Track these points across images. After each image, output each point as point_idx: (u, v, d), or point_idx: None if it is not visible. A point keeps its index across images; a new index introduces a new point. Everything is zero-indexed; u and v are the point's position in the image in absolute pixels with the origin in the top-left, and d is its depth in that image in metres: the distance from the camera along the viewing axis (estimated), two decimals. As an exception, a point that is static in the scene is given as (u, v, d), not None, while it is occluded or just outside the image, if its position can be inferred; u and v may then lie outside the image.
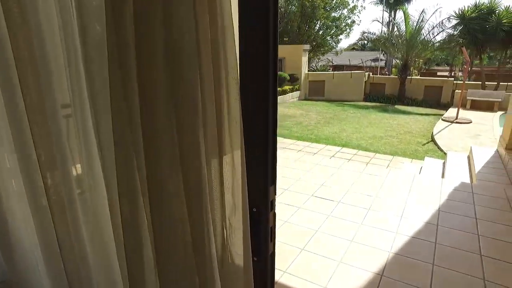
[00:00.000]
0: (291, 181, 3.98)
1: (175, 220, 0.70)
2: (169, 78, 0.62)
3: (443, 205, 3.33)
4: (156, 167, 0.67)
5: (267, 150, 0.77)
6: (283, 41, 24.63)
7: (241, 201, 0.75)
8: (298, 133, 9.83)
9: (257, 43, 0.71)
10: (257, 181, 0.80)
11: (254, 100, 0.74)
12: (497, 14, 16.72)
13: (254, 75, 0.73)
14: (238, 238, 0.80)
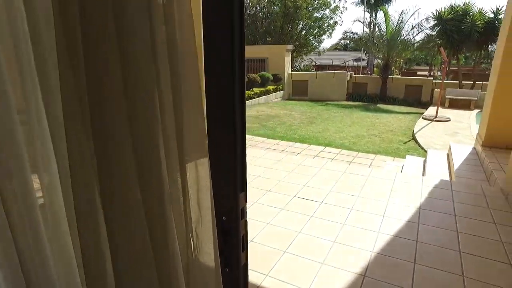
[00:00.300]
0: (274, 182, 3.95)
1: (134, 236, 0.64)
2: (122, 81, 0.57)
3: (424, 203, 3.36)
4: (112, 178, 0.61)
5: (235, 156, 0.72)
6: (266, 41, 24.66)
7: (209, 210, 0.70)
8: (281, 133, 9.82)
9: (221, 43, 0.66)
10: (226, 188, 0.75)
11: (220, 103, 0.69)
12: (471, 16, 17.20)
13: (218, 77, 0.68)
14: (207, 250, 0.75)
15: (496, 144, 5.05)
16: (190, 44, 0.60)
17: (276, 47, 20.14)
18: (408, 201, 3.39)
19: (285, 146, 8.07)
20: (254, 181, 3.98)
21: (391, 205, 3.31)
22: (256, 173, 4.24)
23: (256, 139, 8.87)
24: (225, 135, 0.71)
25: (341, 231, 2.87)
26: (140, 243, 0.64)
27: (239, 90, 0.69)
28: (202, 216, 0.71)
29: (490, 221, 3.03)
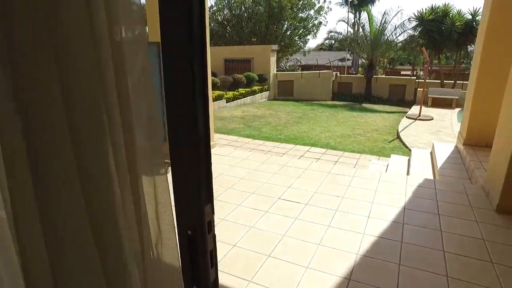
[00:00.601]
0: (258, 184, 3.88)
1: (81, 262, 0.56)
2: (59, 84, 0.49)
3: (408, 202, 3.36)
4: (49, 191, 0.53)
5: (199, 164, 0.65)
6: (251, 42, 24.61)
7: (169, 225, 0.63)
8: (267, 134, 9.78)
9: (179, 37, 0.59)
10: (189, 201, 0.69)
11: (180, 105, 0.62)
12: (450, 17, 17.56)
13: (177, 74, 0.61)
14: (169, 266, 0.68)
15: (476, 142, 5.11)
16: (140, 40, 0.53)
17: (261, 47, 20.12)
18: (393, 201, 3.38)
19: (270, 147, 8.02)
20: (238, 184, 3.91)
21: (376, 206, 3.29)
22: (241, 175, 4.17)
23: (242, 140, 8.80)
24: (187, 145, 0.64)
25: (326, 233, 2.83)
26: (86, 259, 0.56)
27: (200, 89, 0.62)
28: (162, 231, 0.64)
29: (473, 219, 3.04)
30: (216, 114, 13.35)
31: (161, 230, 0.64)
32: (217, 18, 28.34)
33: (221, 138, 9.10)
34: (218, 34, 28.19)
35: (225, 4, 27.52)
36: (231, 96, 15.96)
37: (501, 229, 2.89)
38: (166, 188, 0.60)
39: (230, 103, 15.86)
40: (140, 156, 0.60)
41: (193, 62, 0.59)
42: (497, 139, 3.47)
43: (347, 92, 20.22)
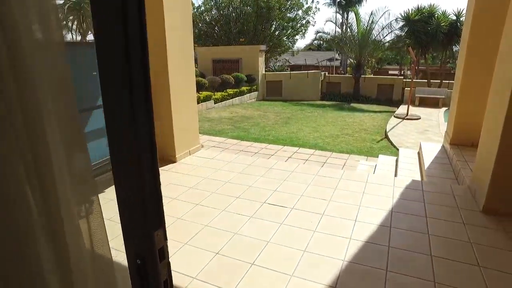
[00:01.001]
0: (244, 187, 3.79)
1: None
2: None
3: (395, 205, 3.31)
4: None
5: (143, 185, 0.56)
6: (240, 42, 24.51)
7: (107, 255, 0.53)
8: (255, 135, 9.69)
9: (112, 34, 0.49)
10: (136, 226, 0.59)
11: (116, 115, 0.53)
12: (436, 17, 17.77)
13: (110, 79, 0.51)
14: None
15: (463, 142, 5.12)
16: (55, 42, 0.43)
17: (250, 48, 20.04)
18: (380, 204, 3.33)
19: (258, 148, 7.94)
20: (223, 187, 3.80)
21: (363, 209, 3.23)
22: (226, 179, 4.07)
23: (229, 142, 8.69)
24: (127, 163, 0.54)
25: (312, 238, 2.75)
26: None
27: (141, 103, 0.52)
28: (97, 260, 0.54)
29: (459, 221, 3.01)
30: (204, 115, 13.22)
31: (96, 259, 0.54)
32: (205, 18, 28.15)
33: (208, 139, 8.99)
34: (206, 34, 28.00)
35: (213, 4, 27.35)
36: (219, 97, 15.84)
37: (487, 231, 2.85)
38: (99, 213, 0.50)
39: (219, 104, 15.73)
40: (73, 172, 0.50)
41: (130, 63, 0.49)
42: (483, 139, 3.44)
43: (336, 92, 20.29)
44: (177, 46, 4.42)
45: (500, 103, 2.98)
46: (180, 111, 4.66)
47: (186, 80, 4.75)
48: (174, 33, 4.34)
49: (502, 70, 3.11)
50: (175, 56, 4.41)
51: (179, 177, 4.14)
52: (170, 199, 3.52)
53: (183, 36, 4.55)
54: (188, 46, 4.70)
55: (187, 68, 4.75)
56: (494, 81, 3.30)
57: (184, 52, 4.60)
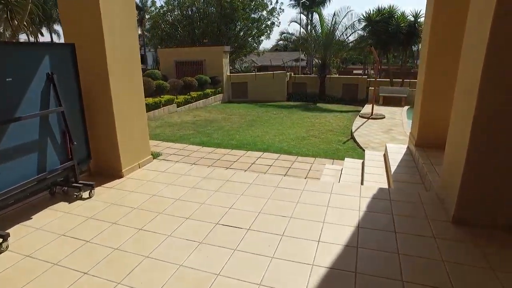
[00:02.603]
0: (195, 206, 3.35)
1: None
2: None
3: (362, 219, 3.00)
4: None
5: None
6: (203, 43, 23.91)
7: None
8: (218, 140, 9.26)
9: None
10: None
11: None
12: (396, 18, 18.18)
13: None
14: None
15: (428, 143, 4.97)
16: None
17: (214, 49, 19.54)
18: (346, 219, 3.01)
19: (220, 154, 7.52)
20: (171, 207, 3.35)
21: (327, 226, 2.90)
22: (176, 195, 3.61)
23: (190, 148, 8.21)
24: None
25: (269, 268, 2.37)
26: None
27: None
28: None
29: (430, 235, 2.74)
30: (166, 120, 12.61)
31: None
32: (168, 19, 27.27)
33: (168, 147, 8.45)
34: (169, 35, 27.13)
35: (176, 4, 26.53)
36: (182, 100, 15.25)
37: (459, 246, 2.61)
38: None
39: (181, 107, 15.14)
40: None
41: None
42: (449, 143, 3.22)
43: (301, 92, 20.25)
44: (119, 48, 3.91)
45: (467, 103, 2.76)
46: (125, 120, 4.14)
47: (132, 87, 4.24)
48: (115, 35, 3.83)
49: (467, 69, 2.90)
50: (117, 60, 3.90)
51: (123, 196, 3.63)
52: (108, 225, 3.02)
53: (126, 36, 4.04)
54: (133, 48, 4.19)
55: (133, 73, 4.24)
56: (459, 82, 3.08)
57: (128, 55, 4.09)
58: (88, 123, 3.92)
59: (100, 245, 2.68)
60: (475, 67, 2.64)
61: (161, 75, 17.67)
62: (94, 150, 4.13)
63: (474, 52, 2.71)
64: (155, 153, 7.60)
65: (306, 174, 6.08)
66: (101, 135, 4.10)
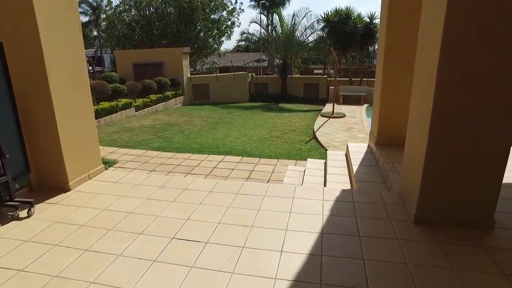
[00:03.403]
0: (150, 219, 3.09)
1: None
2: None
3: (326, 224, 2.90)
4: None
5: None
6: (162, 44, 23.21)
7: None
8: (179, 144, 8.92)
9: None
10: None
11: None
12: (352, 19, 18.70)
13: None
14: None
15: (388, 142, 5.03)
16: None
17: (173, 50, 19.01)
18: (309, 225, 2.90)
19: (181, 160, 7.22)
20: (123, 222, 3.06)
21: (290, 234, 2.76)
22: (129, 208, 3.32)
23: (149, 154, 7.83)
24: None
25: (228, 285, 2.18)
26: None
27: None
28: None
29: (393, 237, 2.70)
30: (123, 125, 12.03)
31: None
32: (124, 19, 26.19)
33: (125, 153, 8.01)
34: (126, 36, 26.06)
35: (132, 4, 25.53)
36: (141, 104, 14.66)
37: (422, 246, 2.58)
38: None
39: (140, 111, 14.55)
40: None
41: None
42: (408, 143, 3.22)
43: (264, 92, 20.24)
44: (59, 48, 3.54)
45: (425, 102, 2.74)
46: (71, 127, 3.78)
47: (77, 90, 3.87)
48: (54, 34, 3.46)
49: (423, 68, 2.89)
50: (58, 62, 3.53)
51: (69, 212, 3.29)
52: (49, 247, 2.68)
53: (68, 35, 3.68)
54: (76, 47, 3.82)
55: (78, 75, 3.88)
56: (415, 81, 3.08)
57: (71, 56, 3.73)
58: (26, 132, 3.53)
59: (37, 273, 2.36)
60: (430, 68, 2.62)
61: (118, 78, 16.88)
62: (36, 162, 3.73)
63: (429, 50, 2.70)
64: (111, 161, 7.15)
65: (269, 177, 5.96)
66: (42, 145, 3.71)
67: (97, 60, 38.98)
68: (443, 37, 2.41)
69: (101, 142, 9.19)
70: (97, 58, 39.31)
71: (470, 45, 2.40)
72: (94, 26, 38.70)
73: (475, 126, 2.56)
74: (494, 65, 2.41)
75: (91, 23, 39.00)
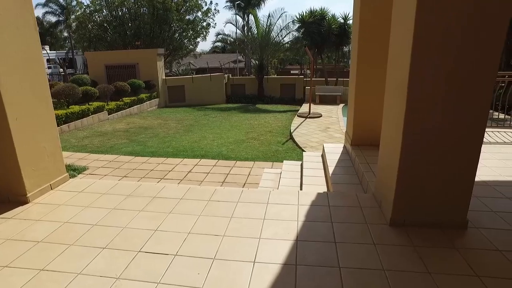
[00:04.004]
0: (115, 231, 2.89)
1: None
2: None
3: (301, 231, 2.80)
4: None
5: None
6: (136, 45, 22.64)
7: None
8: (153, 148, 8.65)
9: None
10: None
11: None
12: (327, 20, 18.88)
13: None
14: None
15: (363, 142, 5.01)
16: None
17: (147, 52, 18.55)
18: (283, 232, 2.78)
19: (154, 164, 6.98)
20: (86, 235, 2.85)
21: (264, 243, 2.64)
22: (93, 220, 3.10)
23: (121, 159, 7.53)
24: None
25: (197, 302, 2.04)
26: None
27: None
28: None
29: (370, 242, 2.63)
30: (95, 129, 11.59)
31: None
32: (96, 19, 25.36)
33: (97, 159, 7.68)
34: (98, 37, 25.23)
35: (103, 4, 24.76)
36: (114, 107, 14.18)
37: (397, 250, 2.52)
38: None
39: (113, 114, 14.09)
40: None
41: None
42: (383, 144, 3.17)
43: (240, 93, 20.10)
44: (11, 50, 3.27)
45: (398, 103, 2.69)
46: (28, 133, 3.51)
47: (34, 93, 3.60)
48: (4, 35, 3.19)
49: (396, 67, 2.84)
50: (10, 64, 3.26)
51: (25, 227, 3.03)
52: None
53: (20, 34, 3.41)
54: (32, 47, 3.56)
55: (35, 77, 3.61)
56: (388, 81, 3.03)
57: (25, 56, 3.46)
58: (-23, 141, 3.24)
59: (-18, 299, 2.13)
60: (402, 67, 2.57)
61: (90, 81, 16.29)
62: (-12, 173, 3.44)
63: (401, 48, 2.65)
64: (80, 168, 6.82)
65: (245, 180, 5.83)
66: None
67: (69, 62, 37.67)
68: (415, 35, 2.36)
69: (70, 148, 8.79)
70: (69, 60, 37.98)
71: (441, 45, 2.36)
72: (64, 26, 37.35)
73: (447, 126, 2.53)
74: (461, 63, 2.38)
75: (60, 23, 37.63)
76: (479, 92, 2.43)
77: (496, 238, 2.66)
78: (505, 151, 4.94)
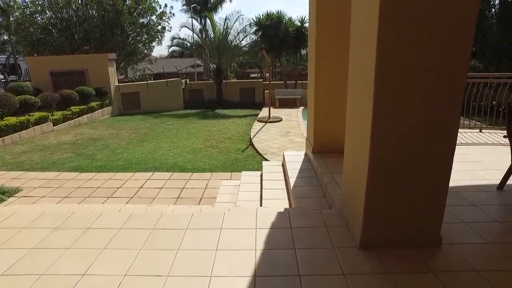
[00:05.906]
0: (30, 280, 2.31)
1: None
2: None
3: (259, 263, 2.40)
4: None
5: None
6: (84, 50, 21.26)
7: None
8: (102, 161, 7.89)
9: None
10: None
11: None
12: (284, 23, 18.88)
13: None
14: None
15: (325, 149, 4.74)
16: None
17: (97, 57, 17.40)
18: (239, 267, 2.36)
19: (102, 181, 6.30)
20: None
21: (215, 282, 2.20)
22: (6, 265, 2.50)
23: (64, 177, 6.74)
24: None
25: None
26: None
27: None
28: None
29: (339, 271, 2.28)
30: (36, 143, 10.52)
31: None
32: (37, 21, 23.49)
33: (34, 178, 6.82)
34: (41, 41, 23.38)
35: (46, 5, 22.98)
36: (60, 117, 13.04)
37: (369, 279, 2.21)
38: None
39: (60, 125, 12.95)
40: None
41: None
42: (347, 153, 2.86)
43: (199, 99, 19.53)
44: None
45: (364, 104, 2.39)
46: None
47: None
48: None
49: (358, 66, 2.55)
50: None
51: None
52: None
53: None
54: None
55: None
56: (350, 87, 2.74)
57: None
58: None
59: None
60: (367, 67, 2.27)
61: (32, 89, 14.92)
62: None
63: (364, 49, 2.35)
64: (11, 190, 5.97)
65: (201, 194, 5.36)
66: None
67: (10, 67, 34.75)
68: (379, 32, 2.06)
69: (3, 166, 7.79)
70: (10, 65, 35.04)
71: (407, 39, 2.09)
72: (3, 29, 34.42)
73: (418, 133, 2.26)
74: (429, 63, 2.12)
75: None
76: (451, 94, 2.19)
77: (472, 255, 2.43)
78: (462, 153, 4.90)
